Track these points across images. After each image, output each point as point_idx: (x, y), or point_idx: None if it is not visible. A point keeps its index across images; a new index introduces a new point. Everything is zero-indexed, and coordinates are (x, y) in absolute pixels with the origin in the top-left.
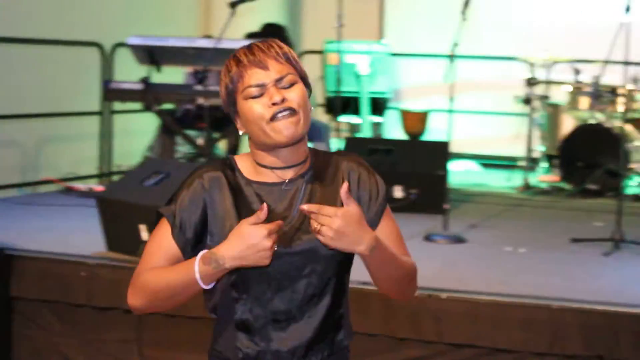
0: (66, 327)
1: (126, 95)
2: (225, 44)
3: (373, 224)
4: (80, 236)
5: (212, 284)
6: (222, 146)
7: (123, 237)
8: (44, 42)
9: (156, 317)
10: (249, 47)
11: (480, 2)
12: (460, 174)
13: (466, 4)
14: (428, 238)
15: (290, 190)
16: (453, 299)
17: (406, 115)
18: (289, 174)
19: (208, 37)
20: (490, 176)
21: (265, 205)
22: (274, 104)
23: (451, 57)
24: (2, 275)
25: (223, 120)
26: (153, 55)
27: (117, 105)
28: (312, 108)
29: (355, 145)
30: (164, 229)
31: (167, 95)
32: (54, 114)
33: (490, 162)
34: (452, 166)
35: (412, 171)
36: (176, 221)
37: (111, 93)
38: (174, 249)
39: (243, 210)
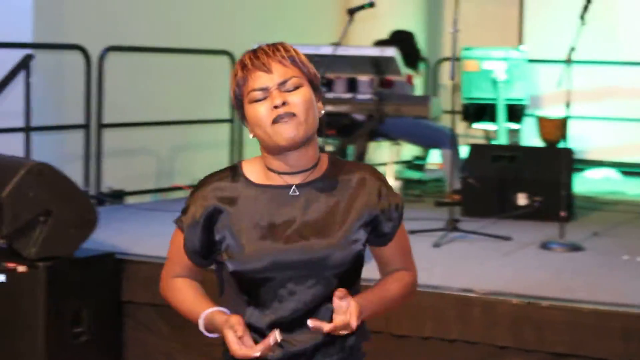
0: (174, 331)
1: None
2: (349, 51)
3: (386, 240)
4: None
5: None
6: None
7: None
8: (176, 51)
9: None
10: (254, 51)
11: (622, 8)
12: (597, 181)
13: (585, 9)
14: (544, 246)
15: (298, 196)
16: (554, 307)
17: (543, 122)
18: (296, 179)
19: (335, 44)
20: (629, 184)
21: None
22: (275, 107)
23: (568, 62)
24: (114, 280)
25: (351, 126)
26: None
27: None
28: (322, 111)
29: (479, 152)
30: (180, 237)
31: None
32: (187, 122)
33: (631, 170)
34: (590, 174)
35: (535, 178)
36: (186, 234)
37: None
38: (186, 260)
39: (243, 216)
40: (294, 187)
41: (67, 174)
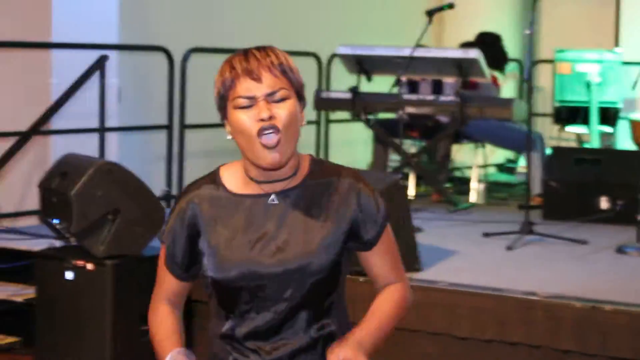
0: None
1: (335, 104)
2: (433, 53)
3: (370, 245)
4: None
5: None
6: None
7: None
8: None
9: None
10: (245, 54)
11: None
12: None
13: None
14: (620, 250)
15: (276, 205)
16: (619, 311)
17: (636, 125)
18: (276, 187)
19: (420, 46)
20: None
21: None
22: (261, 120)
23: None
24: None
25: (434, 128)
26: (362, 65)
27: (335, 115)
28: (304, 122)
29: (561, 154)
30: (163, 252)
31: (375, 105)
32: None
33: None
34: None
35: (618, 182)
36: (168, 250)
37: (321, 102)
38: (170, 278)
39: (222, 225)
40: (272, 196)
41: (150, 174)
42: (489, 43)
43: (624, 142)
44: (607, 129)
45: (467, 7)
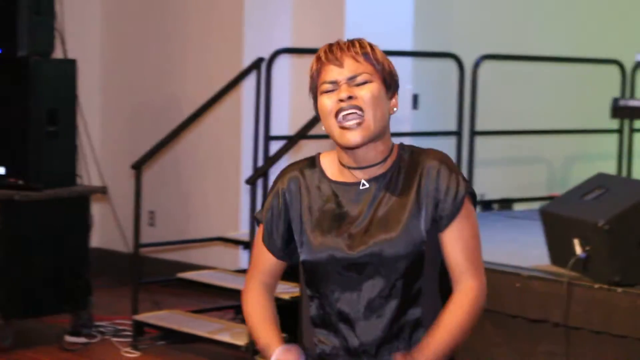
0: (501, 336)
1: (635, 113)
2: None
3: (443, 223)
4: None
5: None
6: None
7: (561, 250)
8: (565, 60)
9: (584, 332)
10: (330, 45)
11: None
12: None
13: None
14: None
15: (367, 191)
16: None
17: None
18: (365, 174)
19: None
20: None
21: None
22: (340, 100)
23: None
24: None
25: None
26: None
27: None
28: (395, 110)
29: None
30: (260, 232)
31: None
32: (574, 131)
33: None
34: None
35: None
36: (266, 227)
37: (619, 110)
38: (266, 255)
39: (315, 209)
40: (362, 181)
41: None
42: None
43: None
44: None
45: None
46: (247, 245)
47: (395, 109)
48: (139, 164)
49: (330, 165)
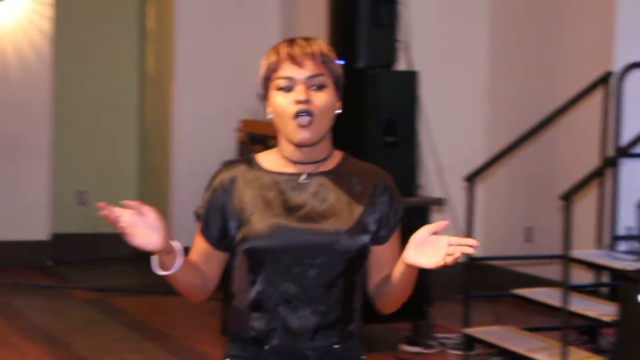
0: None
1: None
2: None
3: (384, 238)
4: None
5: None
6: None
7: None
8: None
9: None
10: (291, 40)
11: None
12: None
13: None
14: None
15: (309, 183)
16: None
17: None
18: (308, 169)
19: None
20: None
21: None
22: (298, 102)
23: None
24: None
25: None
26: None
27: None
28: (338, 110)
29: None
30: (199, 227)
31: None
32: None
33: None
34: None
35: None
36: (203, 221)
37: None
38: (203, 244)
39: (258, 199)
40: (306, 174)
41: None
42: None
43: None
44: None
45: None
46: (594, 266)
47: (339, 110)
48: (472, 176)
49: (268, 161)
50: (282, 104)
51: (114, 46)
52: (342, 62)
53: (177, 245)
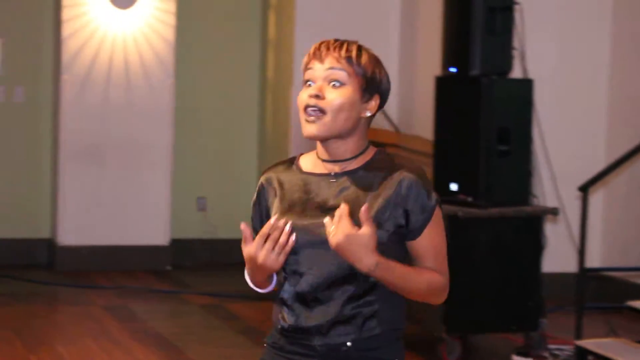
0: None
1: None
2: None
3: (414, 234)
4: None
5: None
6: None
7: None
8: None
9: None
10: (321, 43)
11: None
12: None
13: None
14: None
15: (335, 182)
16: None
17: None
18: (336, 167)
19: None
20: None
21: (243, 225)
22: (310, 96)
23: None
24: None
25: None
26: None
27: None
28: (367, 114)
29: None
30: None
31: None
32: None
33: None
34: None
35: None
36: (252, 216)
37: None
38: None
39: (285, 199)
40: (332, 173)
41: None
42: None
43: None
44: None
45: None
46: None
47: (368, 112)
48: (586, 186)
49: (307, 161)
50: (300, 96)
51: (235, 53)
52: (454, 70)
53: None
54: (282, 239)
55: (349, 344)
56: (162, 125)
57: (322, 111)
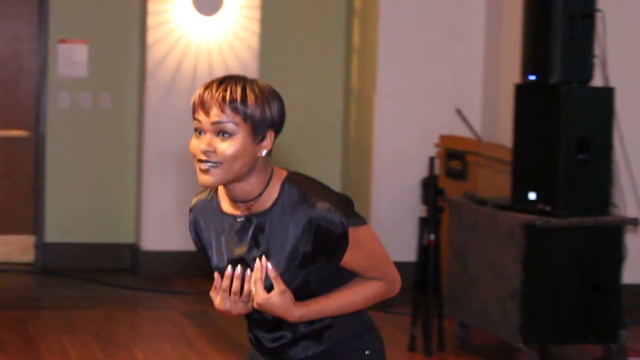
0: None
1: None
2: None
3: (336, 261)
4: None
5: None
6: None
7: None
8: None
9: None
10: (209, 84)
11: None
12: None
13: None
14: None
15: (248, 226)
16: None
17: None
18: (243, 208)
19: None
20: None
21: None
22: (201, 151)
23: None
24: None
25: None
26: None
27: None
28: (264, 151)
29: None
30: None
31: None
32: None
33: None
34: None
35: None
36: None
37: None
38: None
39: (213, 241)
40: (243, 218)
41: None
42: None
43: None
44: None
45: None
46: None
47: (264, 150)
48: None
49: (223, 195)
50: (192, 146)
51: (319, 60)
52: (533, 78)
53: None
54: (245, 287)
55: (309, 354)
56: None
57: (215, 163)
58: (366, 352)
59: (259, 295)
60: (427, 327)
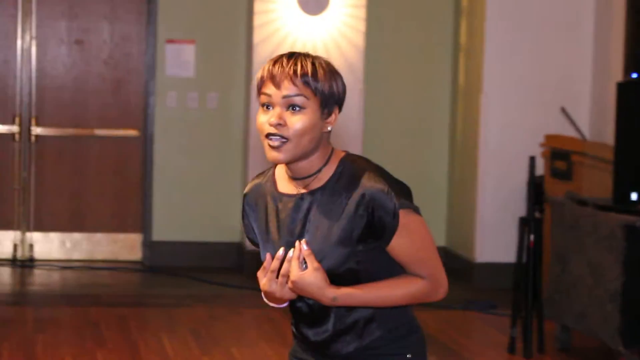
0: None
1: None
2: None
3: (384, 244)
4: None
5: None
6: None
7: None
8: None
9: None
10: (275, 61)
11: None
12: None
13: None
14: None
15: (303, 203)
16: None
17: None
18: (300, 185)
19: None
20: None
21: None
22: (270, 124)
23: None
24: None
25: None
26: None
27: None
28: (329, 127)
29: None
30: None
31: None
32: None
33: None
34: None
35: None
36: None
37: None
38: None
39: (262, 225)
40: (300, 195)
41: None
42: None
43: None
44: None
45: None
46: None
47: (329, 127)
48: None
49: (280, 176)
50: (260, 121)
51: (426, 59)
52: (636, 76)
53: None
54: (284, 266)
55: (351, 350)
56: (353, 130)
57: (285, 137)
58: (408, 356)
59: (293, 272)
60: (526, 329)
